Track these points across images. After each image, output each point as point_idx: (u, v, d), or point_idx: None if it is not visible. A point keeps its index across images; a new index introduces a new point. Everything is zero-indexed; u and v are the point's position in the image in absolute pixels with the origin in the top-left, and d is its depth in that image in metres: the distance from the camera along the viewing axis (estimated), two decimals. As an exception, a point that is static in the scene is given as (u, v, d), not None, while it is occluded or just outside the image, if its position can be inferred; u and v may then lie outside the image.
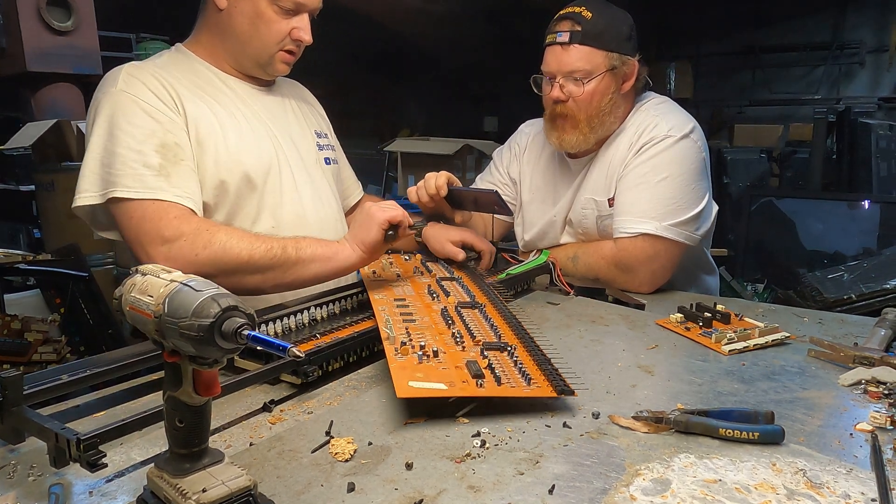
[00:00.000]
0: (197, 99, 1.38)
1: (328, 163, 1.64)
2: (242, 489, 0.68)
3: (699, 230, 1.65)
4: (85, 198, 1.31)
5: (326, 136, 1.68)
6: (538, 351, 1.06)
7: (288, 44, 1.44)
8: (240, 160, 1.39)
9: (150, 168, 1.28)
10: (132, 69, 1.36)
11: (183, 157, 1.32)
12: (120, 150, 1.28)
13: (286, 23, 1.41)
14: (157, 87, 1.34)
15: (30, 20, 3.66)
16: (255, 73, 1.50)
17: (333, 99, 7.55)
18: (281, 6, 1.39)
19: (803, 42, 7.38)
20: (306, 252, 1.31)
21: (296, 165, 1.50)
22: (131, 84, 1.33)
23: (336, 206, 1.62)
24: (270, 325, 1.13)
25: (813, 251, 4.79)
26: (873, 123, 5.25)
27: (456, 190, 1.57)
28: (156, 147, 1.29)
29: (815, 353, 1.19)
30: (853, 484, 0.78)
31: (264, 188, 1.43)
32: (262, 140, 1.45)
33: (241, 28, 1.41)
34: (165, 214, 1.27)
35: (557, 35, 1.61)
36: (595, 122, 1.64)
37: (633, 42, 1.65)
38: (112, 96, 1.33)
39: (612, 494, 0.75)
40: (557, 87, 1.63)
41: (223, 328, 0.61)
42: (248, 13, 1.39)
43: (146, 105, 1.31)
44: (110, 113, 1.31)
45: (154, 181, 1.28)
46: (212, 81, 1.45)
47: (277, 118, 1.53)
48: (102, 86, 1.37)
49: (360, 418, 0.94)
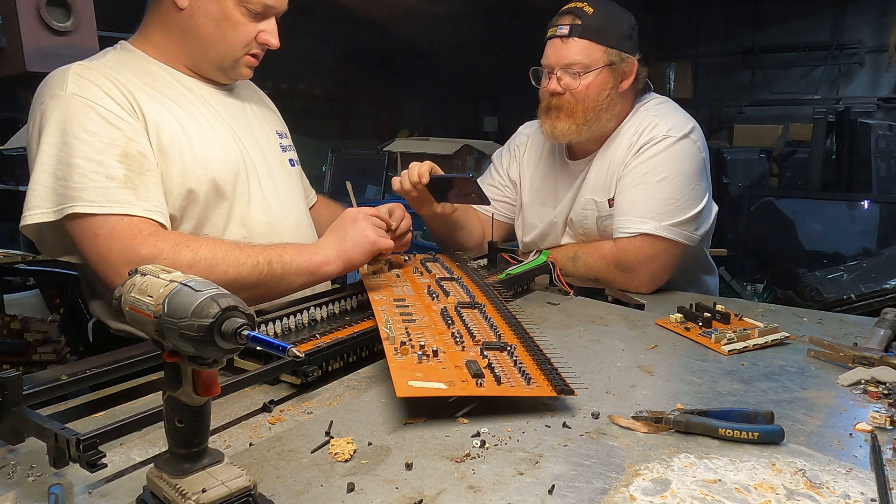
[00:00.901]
0: (155, 102, 1.27)
1: (292, 164, 1.57)
2: (242, 489, 0.68)
3: (699, 230, 1.65)
4: (36, 215, 1.17)
5: (287, 137, 1.60)
6: (538, 351, 1.06)
7: (254, 47, 1.36)
8: (207, 167, 1.30)
9: (114, 180, 1.16)
10: (81, 69, 1.23)
11: (148, 167, 1.21)
12: (77, 160, 1.16)
13: (253, 26, 1.33)
14: (111, 90, 1.22)
15: (29, 20, 3.66)
16: (215, 76, 1.41)
17: (333, 99, 7.53)
18: (249, 8, 1.30)
19: (803, 42, 7.37)
20: (292, 266, 1.25)
21: (262, 170, 1.43)
22: (83, 86, 1.20)
23: (304, 210, 1.57)
24: (270, 325, 1.13)
25: (812, 251, 4.79)
26: (873, 123, 5.25)
27: (436, 177, 1.56)
28: (118, 157, 1.18)
29: (814, 353, 1.19)
30: (853, 484, 0.78)
31: (234, 195, 1.35)
32: (227, 144, 1.36)
33: (205, 30, 1.31)
34: (139, 232, 1.16)
35: (558, 28, 1.62)
36: (590, 115, 1.64)
37: (633, 41, 1.65)
38: (61, 100, 1.19)
39: (612, 494, 0.76)
40: (555, 80, 1.63)
41: (223, 328, 0.61)
42: (214, 14, 1.29)
43: (102, 109, 1.19)
44: (62, 119, 1.18)
45: (120, 194, 1.16)
46: (167, 82, 1.34)
47: (239, 119, 1.44)
48: (47, 88, 1.23)
49: (359, 418, 0.94)
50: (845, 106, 5.75)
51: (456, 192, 1.58)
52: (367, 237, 1.29)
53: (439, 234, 1.87)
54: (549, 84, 1.65)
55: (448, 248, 1.81)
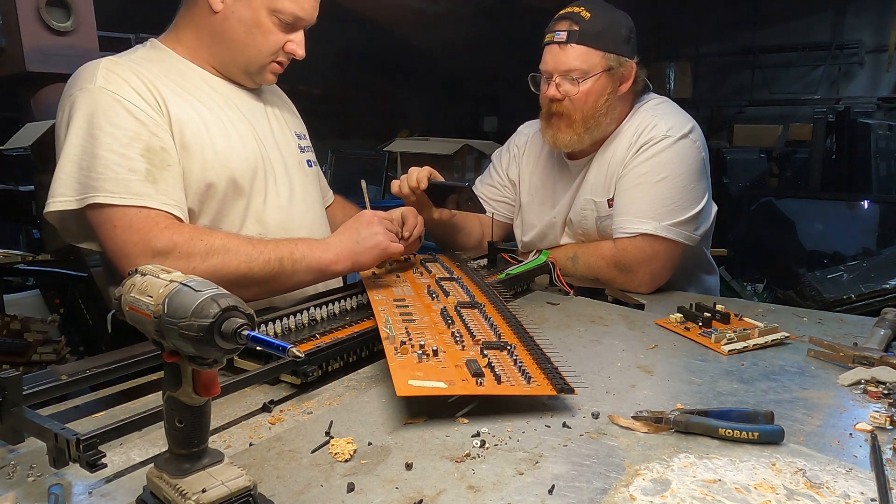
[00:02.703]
0: (180, 99, 1.31)
1: (310, 165, 1.59)
2: (242, 489, 0.68)
3: (698, 230, 1.65)
4: (59, 203, 1.21)
5: (306, 138, 1.64)
6: (538, 350, 1.06)
7: (280, 56, 1.40)
8: (227, 164, 1.33)
9: (135, 173, 1.20)
10: (110, 64, 1.27)
11: (170, 161, 1.25)
12: (101, 152, 1.20)
13: (282, 35, 1.37)
14: (138, 85, 1.26)
15: (29, 20, 3.66)
16: (240, 79, 1.44)
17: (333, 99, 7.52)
18: (281, 18, 1.34)
19: (803, 42, 7.38)
20: (302, 264, 1.28)
21: (280, 170, 1.46)
22: (111, 80, 1.24)
23: (320, 211, 1.59)
24: (270, 325, 1.13)
25: (812, 251, 4.79)
26: (872, 123, 5.25)
27: (433, 184, 1.57)
28: (141, 151, 1.22)
29: (814, 352, 1.19)
30: (853, 484, 0.78)
31: (251, 193, 1.38)
32: (248, 143, 1.39)
33: (236, 34, 1.35)
34: (155, 224, 1.20)
35: (556, 34, 1.62)
36: (590, 122, 1.64)
37: (631, 44, 1.65)
38: (90, 93, 1.23)
39: (612, 494, 0.76)
40: (554, 86, 1.63)
41: (223, 328, 0.61)
42: (246, 20, 1.33)
43: (129, 104, 1.23)
44: (89, 112, 1.22)
45: (140, 187, 1.20)
46: (194, 81, 1.38)
47: (260, 120, 1.47)
48: (77, 81, 1.27)
49: (359, 418, 0.94)
50: (845, 106, 5.76)
51: (454, 198, 1.59)
52: (379, 242, 1.32)
53: (438, 236, 1.87)
54: (548, 90, 1.65)
55: (447, 248, 1.81)
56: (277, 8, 1.33)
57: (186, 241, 1.20)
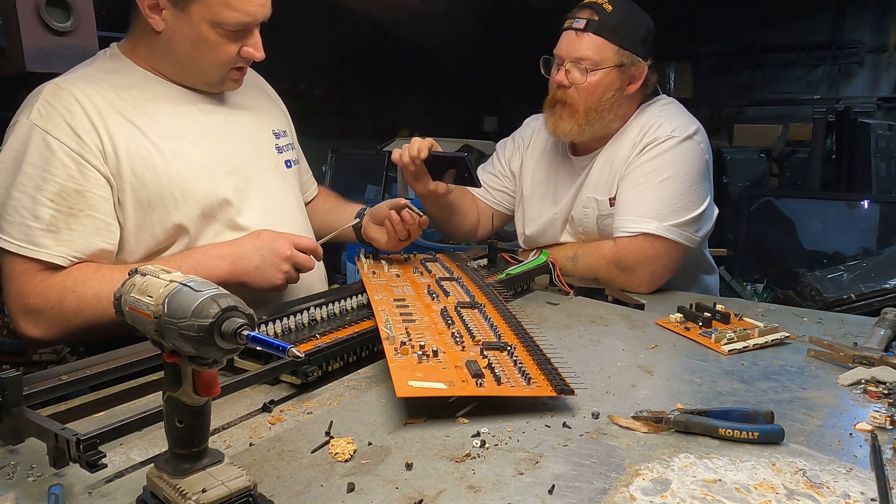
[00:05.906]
0: (130, 125, 1.25)
1: (289, 165, 1.53)
2: (242, 489, 0.68)
3: (699, 232, 1.65)
4: None
5: (286, 134, 1.56)
6: (538, 350, 1.06)
7: (238, 62, 1.32)
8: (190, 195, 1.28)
9: (39, 220, 1.17)
10: (55, 91, 1.22)
11: (82, 206, 1.19)
12: (15, 192, 1.18)
13: (233, 45, 1.28)
14: (78, 115, 1.20)
15: (29, 20, 3.66)
16: (204, 88, 1.38)
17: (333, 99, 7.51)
18: (226, 28, 1.25)
19: (802, 42, 7.37)
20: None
21: (255, 179, 1.40)
22: (47, 115, 1.20)
23: (300, 213, 1.54)
24: (270, 325, 1.13)
25: (812, 251, 4.78)
26: (872, 123, 5.25)
27: (434, 154, 1.56)
28: (52, 195, 1.17)
29: (814, 352, 1.19)
30: (853, 484, 0.78)
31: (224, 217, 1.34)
32: (216, 165, 1.34)
33: (184, 52, 1.28)
34: (31, 278, 1.17)
35: (575, 21, 1.62)
36: (593, 115, 1.64)
37: (647, 46, 1.65)
38: (23, 127, 1.20)
39: (612, 494, 0.76)
40: (563, 72, 1.64)
41: (223, 328, 0.61)
42: (191, 38, 1.25)
43: (56, 143, 1.18)
44: (16, 147, 1.20)
45: (40, 237, 1.17)
46: (152, 95, 1.31)
47: (229, 130, 1.40)
48: (24, 107, 1.24)
49: (359, 418, 0.94)
50: (845, 106, 5.75)
51: (451, 172, 1.58)
52: (274, 276, 1.28)
53: (434, 214, 1.84)
54: (557, 75, 1.65)
55: (441, 230, 1.81)
56: (219, 21, 1.23)
57: (57, 298, 1.17)
